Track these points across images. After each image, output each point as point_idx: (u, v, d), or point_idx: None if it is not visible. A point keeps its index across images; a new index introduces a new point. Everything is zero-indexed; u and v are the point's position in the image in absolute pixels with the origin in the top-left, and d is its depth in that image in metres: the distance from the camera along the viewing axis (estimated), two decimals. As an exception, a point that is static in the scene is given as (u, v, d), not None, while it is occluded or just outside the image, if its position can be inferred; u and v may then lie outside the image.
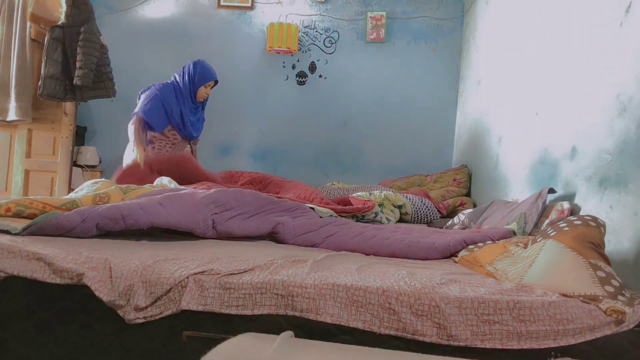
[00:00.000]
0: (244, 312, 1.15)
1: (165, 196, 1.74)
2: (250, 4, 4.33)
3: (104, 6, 4.26)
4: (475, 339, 1.11)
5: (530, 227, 1.92)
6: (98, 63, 3.19)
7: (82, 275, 1.18)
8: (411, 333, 1.12)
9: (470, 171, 3.66)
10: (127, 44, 4.29)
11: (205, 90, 3.11)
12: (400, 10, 4.29)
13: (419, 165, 4.17)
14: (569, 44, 2.11)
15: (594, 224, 1.37)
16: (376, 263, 1.49)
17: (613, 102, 1.71)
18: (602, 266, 1.23)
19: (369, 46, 4.30)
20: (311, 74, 4.35)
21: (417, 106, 4.28)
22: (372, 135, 4.31)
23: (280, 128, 4.34)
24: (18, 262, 1.23)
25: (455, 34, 4.24)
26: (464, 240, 1.74)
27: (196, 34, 4.35)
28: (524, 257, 1.41)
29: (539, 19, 2.48)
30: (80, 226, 1.48)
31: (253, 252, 1.48)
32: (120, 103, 4.16)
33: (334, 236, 1.82)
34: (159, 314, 1.17)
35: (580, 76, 1.98)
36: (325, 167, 4.31)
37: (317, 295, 1.15)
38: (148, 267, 1.21)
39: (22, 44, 3.27)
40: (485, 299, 1.14)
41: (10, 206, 1.65)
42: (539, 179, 2.31)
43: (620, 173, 1.63)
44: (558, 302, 1.14)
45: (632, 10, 1.64)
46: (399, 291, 1.15)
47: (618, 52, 1.71)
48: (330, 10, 4.34)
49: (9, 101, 3.25)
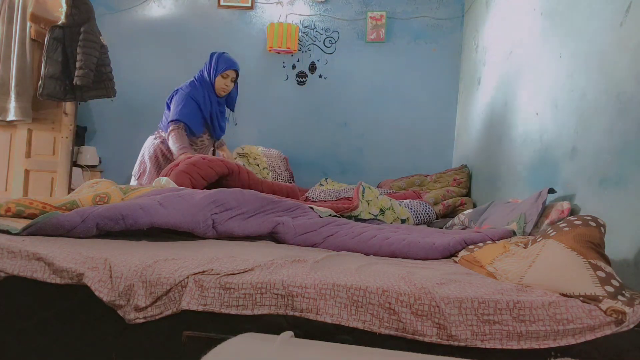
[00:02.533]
0: (244, 312, 1.15)
1: (165, 196, 1.74)
2: (250, 4, 4.33)
3: (104, 6, 4.26)
4: (475, 339, 1.11)
5: (530, 227, 1.92)
6: (98, 63, 3.18)
7: (82, 275, 1.18)
8: (411, 333, 1.12)
9: (470, 171, 3.66)
10: (127, 44, 4.29)
11: (224, 82, 2.92)
12: (400, 10, 4.29)
13: (419, 165, 4.17)
14: (569, 43, 2.11)
15: (594, 224, 1.37)
16: (376, 263, 1.49)
17: (613, 102, 1.71)
18: (602, 266, 1.23)
19: (369, 46, 4.31)
20: (311, 74, 4.35)
21: (417, 106, 4.28)
22: (372, 135, 4.31)
23: (280, 128, 4.34)
24: (18, 262, 1.23)
25: (455, 34, 4.24)
26: (464, 240, 1.74)
27: (196, 34, 4.35)
28: (524, 257, 1.41)
29: (539, 19, 2.48)
30: (80, 226, 1.48)
31: (253, 252, 1.48)
32: (120, 103, 4.16)
33: (334, 236, 1.82)
34: (159, 314, 1.17)
35: (580, 76, 1.98)
36: (325, 167, 4.31)
37: (317, 295, 1.15)
38: (148, 267, 1.21)
39: (22, 44, 3.27)
40: (485, 299, 1.14)
41: (10, 206, 1.65)
42: (539, 179, 2.31)
43: (620, 173, 1.63)
44: (558, 302, 1.14)
45: (632, 10, 1.64)
46: (399, 291, 1.15)
47: (618, 52, 1.71)
48: (330, 10, 4.34)
49: (9, 101, 3.25)
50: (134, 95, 4.29)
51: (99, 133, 4.38)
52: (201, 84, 2.93)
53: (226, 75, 2.93)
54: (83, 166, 3.95)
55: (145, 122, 4.33)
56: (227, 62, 2.91)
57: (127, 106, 4.31)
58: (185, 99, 2.85)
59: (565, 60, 2.13)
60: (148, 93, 4.33)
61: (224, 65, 2.90)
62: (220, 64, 2.90)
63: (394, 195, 3.10)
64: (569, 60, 2.10)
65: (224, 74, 2.92)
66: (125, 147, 4.34)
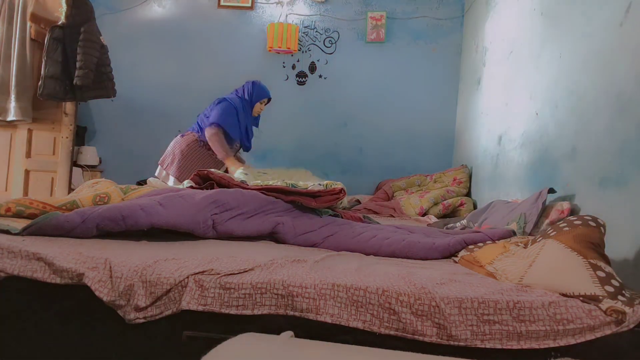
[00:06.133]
0: (244, 312, 1.15)
1: (165, 197, 1.74)
2: (250, 4, 4.33)
3: (104, 6, 4.26)
4: (475, 339, 1.11)
5: (530, 227, 1.92)
6: (98, 63, 3.18)
7: (82, 275, 1.18)
8: (411, 333, 1.12)
9: (470, 171, 3.66)
10: (127, 44, 4.29)
11: (260, 106, 3.43)
12: (400, 10, 4.29)
13: (419, 165, 4.17)
14: (569, 43, 2.11)
15: (594, 224, 1.37)
16: (376, 263, 1.49)
17: (613, 102, 1.71)
18: (602, 266, 1.23)
19: (369, 46, 4.30)
20: (311, 74, 4.35)
21: (417, 106, 4.28)
22: (372, 135, 4.31)
23: (280, 128, 4.34)
24: (18, 262, 1.23)
25: (455, 34, 4.24)
26: (464, 240, 1.73)
27: (196, 34, 4.35)
28: (524, 257, 1.40)
29: (539, 19, 2.48)
30: (81, 227, 1.48)
31: (253, 252, 1.47)
32: (120, 103, 4.16)
33: (334, 236, 1.82)
34: (159, 314, 1.17)
35: (580, 76, 1.98)
36: (325, 167, 4.31)
37: (317, 295, 1.15)
38: (148, 267, 1.21)
39: (22, 44, 3.26)
40: (485, 299, 1.14)
41: (10, 206, 1.65)
42: (539, 179, 2.31)
43: (620, 173, 1.63)
44: (558, 302, 1.14)
45: (632, 10, 1.64)
46: (399, 291, 1.15)
47: (618, 52, 1.71)
48: (330, 10, 4.34)
49: (9, 101, 3.25)
50: (134, 95, 4.29)
51: (99, 133, 4.38)
52: (242, 101, 3.33)
53: (263, 101, 3.43)
54: (83, 166, 3.95)
55: (145, 122, 4.34)
56: (266, 92, 3.42)
57: (127, 106, 4.31)
58: (231, 109, 3.22)
59: (565, 60, 2.13)
60: (148, 93, 4.33)
61: (264, 94, 3.41)
62: (262, 92, 3.40)
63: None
64: (569, 60, 2.10)
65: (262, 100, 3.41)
66: (125, 147, 4.34)
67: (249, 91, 3.38)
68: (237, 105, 3.26)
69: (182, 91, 4.35)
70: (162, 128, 4.17)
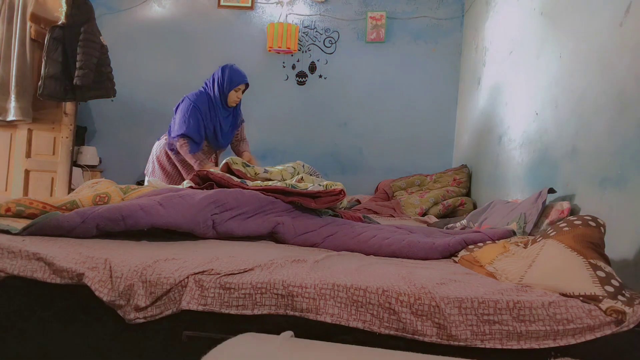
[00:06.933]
0: (244, 312, 1.15)
1: (165, 197, 1.74)
2: (250, 4, 4.33)
3: (104, 6, 4.26)
4: (475, 339, 1.11)
5: (530, 227, 1.92)
6: (98, 63, 3.18)
7: (82, 275, 1.18)
8: (411, 333, 1.12)
9: (470, 171, 3.66)
10: (127, 44, 4.29)
11: (236, 95, 3.02)
12: (400, 10, 4.29)
13: (419, 165, 4.17)
14: (569, 43, 2.11)
15: (594, 224, 1.37)
16: (376, 263, 1.49)
17: (613, 102, 1.71)
18: (602, 266, 1.23)
19: (369, 46, 4.30)
20: (311, 74, 4.35)
21: (417, 106, 4.28)
22: (372, 136, 4.31)
23: (280, 128, 4.34)
24: (18, 262, 1.23)
25: (455, 34, 4.24)
26: (463, 240, 1.73)
27: (196, 34, 4.35)
28: (523, 257, 1.40)
29: (539, 19, 2.48)
30: (81, 227, 1.48)
31: (253, 252, 1.48)
32: (120, 103, 4.16)
33: (334, 236, 1.82)
34: (159, 314, 1.17)
35: (580, 76, 1.98)
36: (325, 167, 4.30)
37: (317, 295, 1.15)
38: (148, 267, 1.21)
39: (22, 44, 3.26)
40: (485, 299, 1.14)
41: (10, 206, 1.65)
42: (539, 179, 2.31)
43: (620, 173, 1.63)
44: (558, 302, 1.14)
45: (632, 10, 1.64)
46: (399, 291, 1.15)
47: (618, 52, 1.71)
48: (330, 10, 4.34)
49: (9, 101, 3.25)
50: (134, 95, 4.29)
51: (99, 133, 4.38)
52: (208, 95, 3.00)
53: (238, 89, 3.02)
54: (83, 166, 3.95)
55: (145, 122, 4.34)
56: (239, 77, 3.01)
57: (127, 106, 4.31)
58: (190, 109, 2.92)
59: (565, 60, 2.13)
60: (148, 93, 4.33)
61: (237, 80, 2.99)
62: (233, 79, 2.98)
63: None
64: (569, 60, 2.10)
65: (236, 88, 3.02)
66: (125, 147, 4.34)
67: (219, 80, 2.98)
68: (200, 104, 2.93)
69: (182, 91, 4.32)
70: (163, 128, 4.14)
